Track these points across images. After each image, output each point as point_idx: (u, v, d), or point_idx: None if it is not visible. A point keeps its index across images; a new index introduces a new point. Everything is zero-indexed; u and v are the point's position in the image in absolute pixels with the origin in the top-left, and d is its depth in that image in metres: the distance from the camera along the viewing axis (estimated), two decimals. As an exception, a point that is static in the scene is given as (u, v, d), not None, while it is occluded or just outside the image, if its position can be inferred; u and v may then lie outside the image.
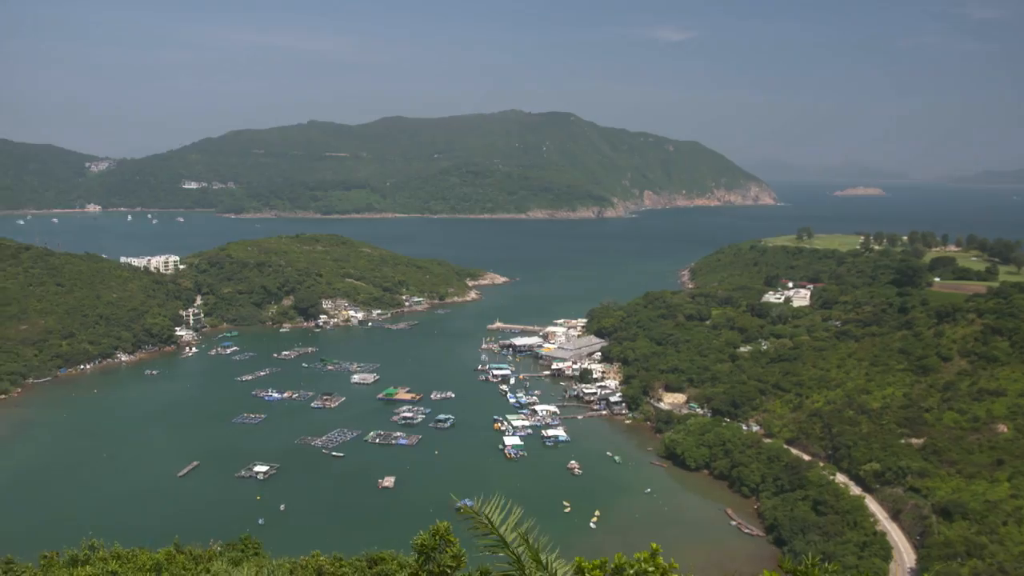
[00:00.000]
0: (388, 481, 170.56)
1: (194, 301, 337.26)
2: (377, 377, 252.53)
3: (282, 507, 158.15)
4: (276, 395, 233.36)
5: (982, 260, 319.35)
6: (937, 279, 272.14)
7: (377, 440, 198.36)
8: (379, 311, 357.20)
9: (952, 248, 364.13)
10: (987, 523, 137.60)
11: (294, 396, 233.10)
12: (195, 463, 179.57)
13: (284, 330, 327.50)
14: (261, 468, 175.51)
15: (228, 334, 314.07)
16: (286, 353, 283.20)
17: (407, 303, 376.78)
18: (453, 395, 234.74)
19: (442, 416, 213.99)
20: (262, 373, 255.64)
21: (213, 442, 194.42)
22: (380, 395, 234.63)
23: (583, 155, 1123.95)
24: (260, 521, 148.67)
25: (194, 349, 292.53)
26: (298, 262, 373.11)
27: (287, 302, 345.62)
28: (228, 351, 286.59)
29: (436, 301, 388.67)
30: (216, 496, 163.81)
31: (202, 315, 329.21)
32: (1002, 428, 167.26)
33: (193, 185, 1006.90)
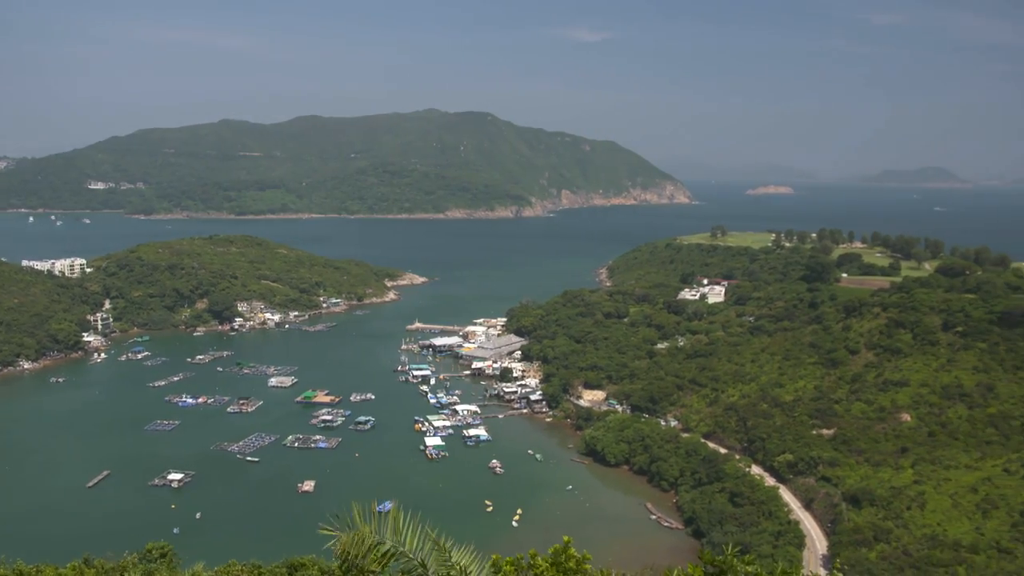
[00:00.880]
0: (308, 485, 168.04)
1: (102, 305, 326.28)
2: (295, 380, 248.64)
3: (198, 515, 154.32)
4: (190, 401, 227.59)
5: (886, 256, 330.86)
6: (844, 275, 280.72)
7: (296, 444, 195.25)
8: (296, 313, 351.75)
9: (858, 245, 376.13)
10: (893, 509, 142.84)
11: (209, 401, 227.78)
12: (106, 472, 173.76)
13: (198, 334, 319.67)
14: (175, 476, 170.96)
15: (139, 339, 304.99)
16: (200, 357, 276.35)
17: (325, 304, 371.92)
18: (373, 397, 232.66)
19: (362, 418, 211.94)
20: (175, 378, 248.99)
21: (125, 451, 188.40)
22: (299, 398, 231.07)
23: (501, 155, 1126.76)
24: (175, 531, 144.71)
25: (103, 355, 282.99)
26: (212, 264, 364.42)
27: (201, 305, 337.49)
28: (139, 356, 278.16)
29: (354, 302, 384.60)
30: (128, 506, 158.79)
31: (111, 320, 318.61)
32: (905, 417, 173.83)
33: (100, 185, 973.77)
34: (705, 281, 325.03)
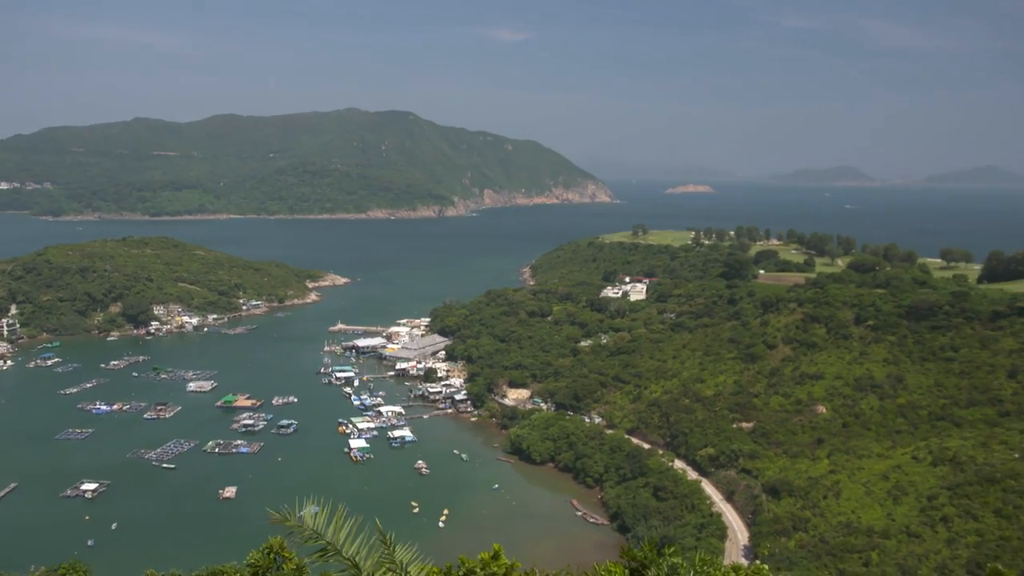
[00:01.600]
0: (229, 491, 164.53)
1: (8, 310, 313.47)
2: (215, 384, 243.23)
3: (114, 526, 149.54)
4: (104, 408, 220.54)
5: (801, 253, 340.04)
6: (762, 271, 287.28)
7: (217, 450, 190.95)
8: (215, 316, 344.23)
9: (774, 242, 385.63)
10: (810, 498, 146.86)
11: (125, 408, 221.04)
12: (13, 485, 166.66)
13: (112, 338, 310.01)
14: (89, 486, 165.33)
15: (49, 345, 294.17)
16: (115, 363, 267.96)
17: (245, 307, 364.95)
18: (295, 400, 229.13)
19: (284, 422, 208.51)
20: (88, 385, 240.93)
21: (34, 461, 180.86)
22: (218, 403, 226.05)
23: (423, 154, 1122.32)
24: (90, 543, 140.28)
25: (9, 362, 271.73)
26: (126, 267, 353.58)
27: (115, 309, 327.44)
28: (49, 363, 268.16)
29: (275, 304, 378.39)
30: (39, 519, 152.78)
31: (18, 325, 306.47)
32: (821, 409, 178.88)
33: (3, 185, 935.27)
34: (627, 279, 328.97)
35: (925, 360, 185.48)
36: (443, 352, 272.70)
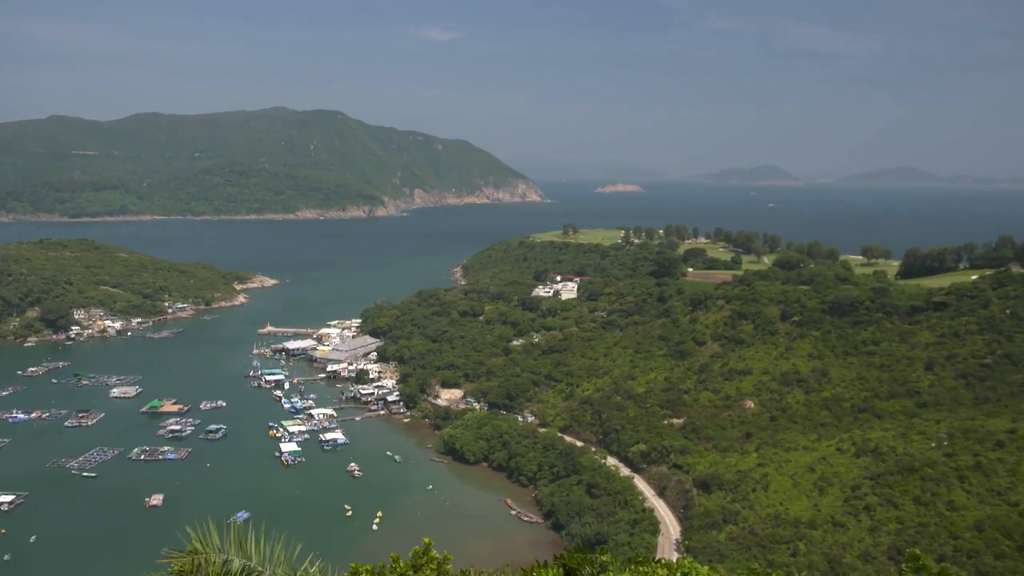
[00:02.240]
0: (156, 499, 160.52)
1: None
2: (139, 390, 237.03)
3: (32, 539, 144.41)
4: (22, 416, 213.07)
5: (728, 251, 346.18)
6: (690, 269, 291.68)
7: (143, 457, 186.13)
8: (139, 319, 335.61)
9: (702, 240, 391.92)
10: (740, 491, 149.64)
11: (44, 416, 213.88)
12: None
13: (29, 344, 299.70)
14: (5, 498, 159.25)
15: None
16: (33, 369, 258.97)
17: (170, 310, 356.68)
18: (224, 404, 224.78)
19: (213, 426, 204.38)
20: (4, 393, 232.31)
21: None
22: (144, 409, 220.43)
23: (352, 154, 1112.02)
24: (6, 558, 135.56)
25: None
26: (43, 270, 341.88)
27: (32, 314, 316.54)
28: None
29: (202, 307, 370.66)
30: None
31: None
32: (749, 404, 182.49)
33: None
34: (558, 278, 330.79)
35: (848, 354, 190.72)
36: (375, 353, 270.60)
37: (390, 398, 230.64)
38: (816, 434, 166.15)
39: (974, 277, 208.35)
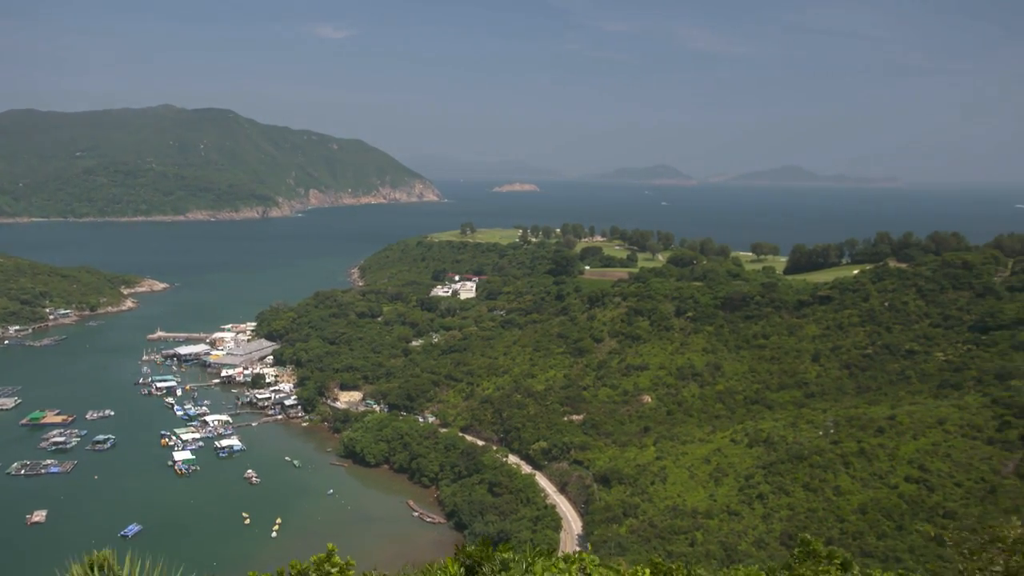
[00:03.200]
0: (39, 515, 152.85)
1: None
2: (19, 400, 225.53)
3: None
4: None
5: (624, 249, 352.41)
6: (587, 267, 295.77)
7: (23, 472, 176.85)
8: (17, 327, 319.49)
9: (599, 238, 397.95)
10: (639, 485, 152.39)
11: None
12: None
13: None
14: None
15: None
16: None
17: (52, 316, 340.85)
18: (112, 413, 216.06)
19: (100, 437, 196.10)
20: None
21: None
22: (24, 420, 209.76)
23: (245, 153, 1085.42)
24: None
25: None
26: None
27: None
28: None
29: (87, 312, 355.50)
30: None
31: None
32: (647, 399, 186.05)
33: None
34: (457, 277, 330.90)
35: (740, 348, 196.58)
36: (271, 357, 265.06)
37: (288, 402, 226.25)
38: (711, 426, 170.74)
39: (855, 272, 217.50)
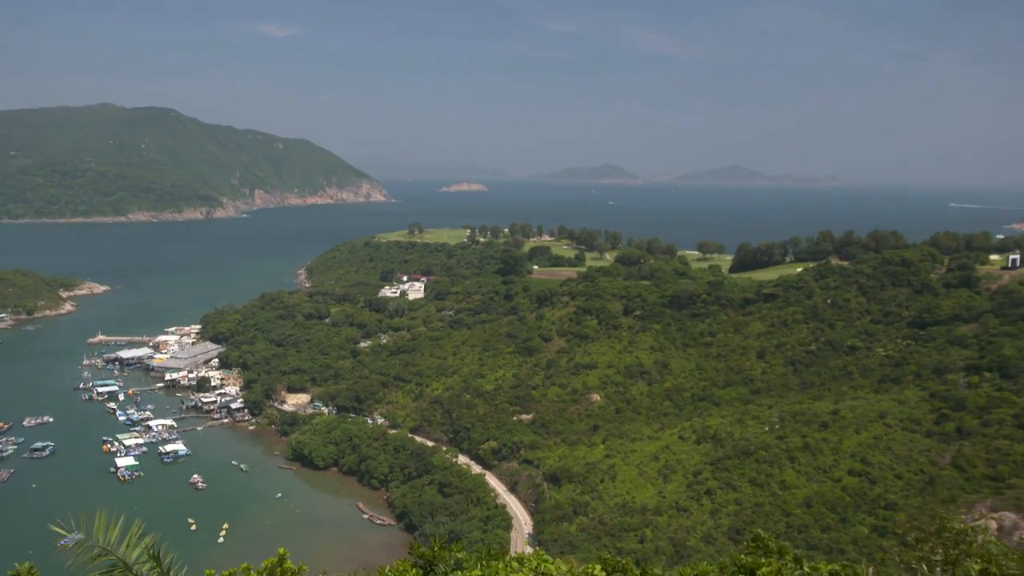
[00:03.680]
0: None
1: None
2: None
3: None
4: None
5: (572, 248, 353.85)
6: (536, 267, 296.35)
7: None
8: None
9: (547, 238, 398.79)
10: (588, 483, 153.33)
11: None
12: None
13: None
14: None
15: None
16: None
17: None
18: (51, 419, 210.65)
19: (39, 444, 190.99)
20: None
21: None
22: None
23: (188, 153, 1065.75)
24: None
25: None
26: None
27: None
28: None
29: (23, 316, 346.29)
30: None
31: None
32: (596, 397, 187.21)
33: None
34: (405, 278, 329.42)
35: (687, 346, 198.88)
36: (216, 360, 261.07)
37: (234, 405, 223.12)
38: (659, 424, 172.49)
39: (799, 270, 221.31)
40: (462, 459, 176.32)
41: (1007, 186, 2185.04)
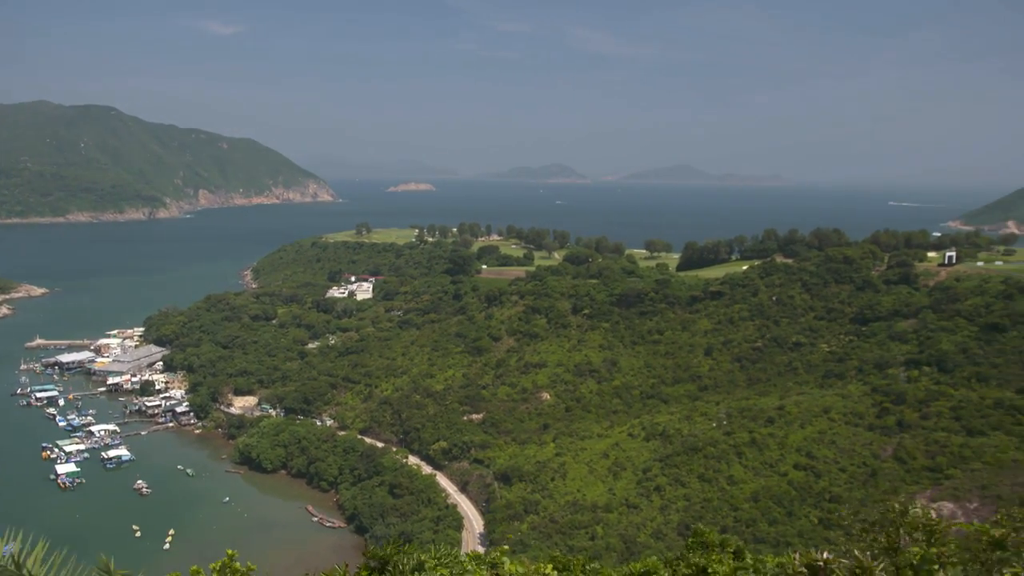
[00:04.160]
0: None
1: None
2: None
3: None
4: None
5: (520, 247, 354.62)
6: (484, 266, 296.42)
7: None
8: None
9: (495, 237, 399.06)
10: (539, 482, 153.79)
11: None
12: None
13: None
14: None
15: None
16: None
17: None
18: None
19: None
20: None
21: None
22: None
23: (129, 152, 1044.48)
24: None
25: None
26: None
27: None
28: None
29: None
30: None
31: None
32: (545, 396, 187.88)
33: None
34: (353, 278, 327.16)
35: (636, 344, 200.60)
36: (161, 363, 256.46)
37: (179, 409, 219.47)
38: (609, 421, 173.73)
39: (744, 268, 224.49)
40: (412, 460, 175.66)
41: (942, 185, 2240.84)
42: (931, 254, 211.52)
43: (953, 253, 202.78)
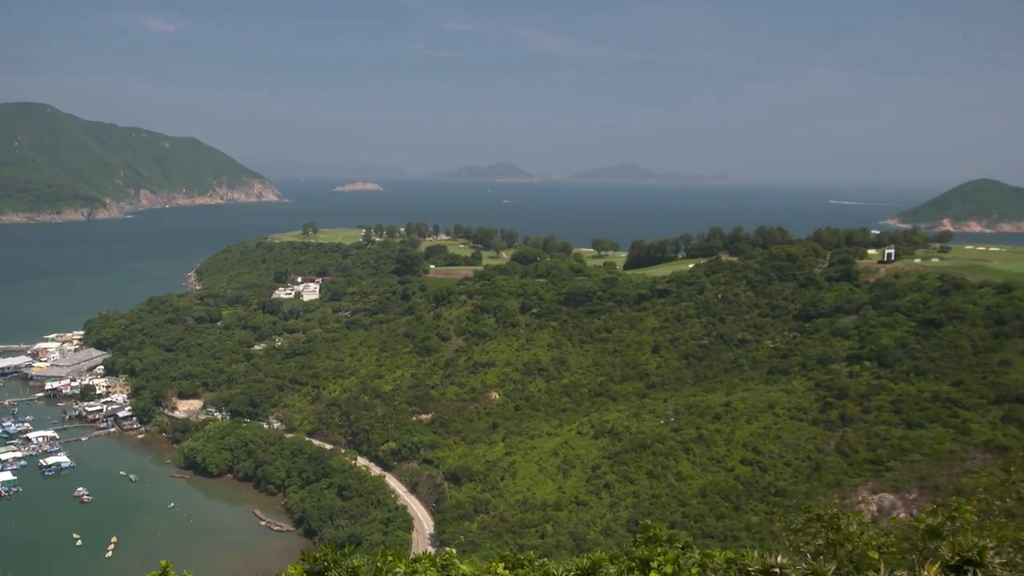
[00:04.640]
0: None
1: None
2: None
3: None
4: None
5: (468, 247, 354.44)
6: (432, 266, 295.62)
7: None
8: None
9: (443, 237, 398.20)
10: (489, 481, 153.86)
11: None
12: None
13: None
14: None
15: None
16: None
17: None
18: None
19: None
20: None
21: None
22: None
23: (66, 151, 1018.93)
24: None
25: None
26: None
27: None
28: None
29: None
30: None
31: None
32: (494, 395, 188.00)
33: None
34: (299, 279, 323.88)
35: (584, 342, 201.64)
36: (102, 367, 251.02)
37: (121, 414, 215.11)
38: (558, 420, 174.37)
39: (691, 266, 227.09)
40: (361, 461, 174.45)
41: (880, 184, 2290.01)
42: (871, 251, 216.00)
43: (892, 251, 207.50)
